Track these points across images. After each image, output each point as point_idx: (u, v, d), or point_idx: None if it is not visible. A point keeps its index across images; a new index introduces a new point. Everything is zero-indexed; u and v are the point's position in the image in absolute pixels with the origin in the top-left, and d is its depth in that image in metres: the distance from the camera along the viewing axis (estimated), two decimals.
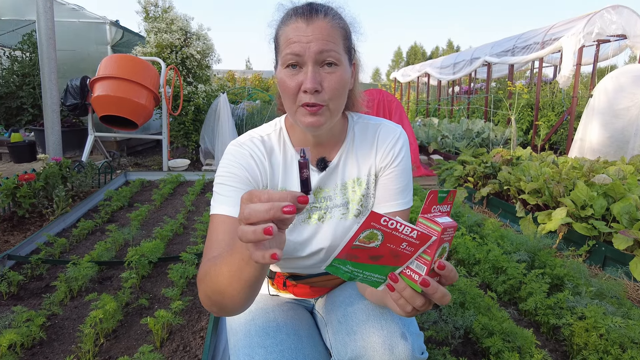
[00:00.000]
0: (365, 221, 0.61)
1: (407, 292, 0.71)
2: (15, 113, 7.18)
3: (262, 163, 1.04)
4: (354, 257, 0.67)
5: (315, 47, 0.88)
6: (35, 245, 2.73)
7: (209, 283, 0.78)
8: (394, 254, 0.67)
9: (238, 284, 0.71)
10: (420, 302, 0.71)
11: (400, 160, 1.09)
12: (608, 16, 6.46)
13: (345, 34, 0.94)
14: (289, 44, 0.89)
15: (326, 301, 1.22)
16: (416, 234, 0.64)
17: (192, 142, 6.48)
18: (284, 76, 0.92)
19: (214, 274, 0.76)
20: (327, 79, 0.90)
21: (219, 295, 0.77)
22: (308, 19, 0.89)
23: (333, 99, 0.92)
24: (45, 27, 4.39)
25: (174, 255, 2.68)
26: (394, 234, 0.63)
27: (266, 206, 0.57)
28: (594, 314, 1.66)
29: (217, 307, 0.80)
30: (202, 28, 6.74)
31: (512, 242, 2.60)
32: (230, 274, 0.71)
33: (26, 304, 2.08)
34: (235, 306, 0.78)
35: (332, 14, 0.92)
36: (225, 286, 0.74)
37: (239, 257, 0.69)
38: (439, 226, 0.66)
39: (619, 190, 2.97)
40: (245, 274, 0.69)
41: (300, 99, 0.91)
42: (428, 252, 0.67)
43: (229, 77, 13.59)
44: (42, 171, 3.56)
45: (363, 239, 0.63)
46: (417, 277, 0.68)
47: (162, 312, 1.78)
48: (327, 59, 0.89)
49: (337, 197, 1.10)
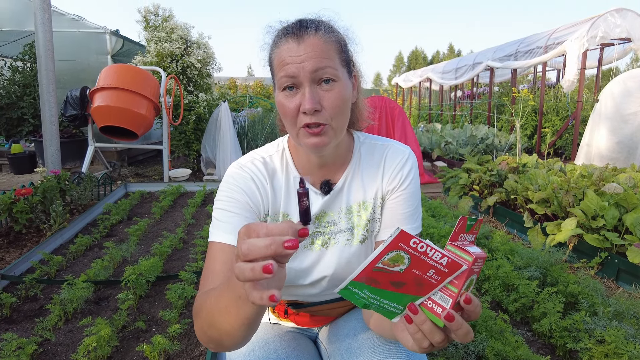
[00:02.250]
0: (392, 241, 0.54)
1: (426, 325, 0.63)
2: (16, 124, 7.15)
3: (264, 186, 0.99)
4: (374, 282, 0.59)
5: (309, 66, 0.82)
6: (30, 263, 2.65)
7: (205, 318, 0.73)
8: (418, 282, 0.60)
9: (235, 321, 0.66)
10: (440, 337, 0.63)
11: (408, 184, 1.02)
12: (612, 19, 6.39)
13: (340, 47, 0.89)
14: (283, 66, 0.84)
15: (330, 332, 1.15)
16: (446, 261, 0.57)
17: (193, 152, 6.43)
18: (282, 99, 0.87)
19: (210, 308, 0.71)
20: (325, 97, 0.85)
21: (215, 332, 0.72)
22: (299, 38, 0.84)
23: (335, 116, 0.87)
24: (43, 38, 4.35)
25: (173, 273, 2.60)
26: (422, 259, 0.56)
27: (266, 241, 0.51)
28: (614, 338, 1.56)
29: (215, 344, 0.75)
30: (203, 36, 6.71)
31: (523, 256, 2.51)
32: (226, 311, 0.67)
33: (19, 327, 2.00)
34: (234, 343, 0.73)
35: (323, 28, 0.86)
36: (221, 323, 0.69)
37: (235, 295, 0.64)
38: (471, 256, 0.59)
39: (632, 200, 2.88)
40: (242, 312, 0.64)
41: (300, 121, 0.86)
42: (455, 284, 0.60)
43: (230, 84, 13.57)
44: (39, 185, 3.50)
45: (387, 261, 0.56)
46: (441, 310, 0.61)
47: (159, 338, 1.70)
48: (324, 76, 0.84)
49: (341, 222, 1.03)
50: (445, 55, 46.94)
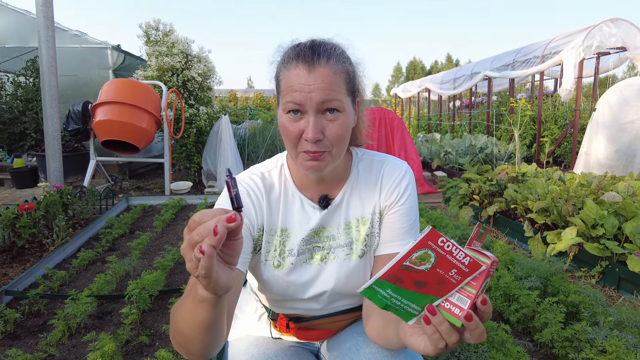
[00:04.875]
0: (422, 239, 0.57)
1: (444, 326, 0.66)
2: (18, 138, 7.20)
3: (259, 202, 1.01)
4: (399, 281, 0.63)
5: (317, 98, 0.85)
6: (33, 279, 2.67)
7: (173, 323, 0.80)
8: (440, 281, 0.63)
9: (194, 325, 0.72)
10: (456, 338, 0.66)
11: (406, 199, 1.04)
12: (607, 29, 6.47)
13: (348, 78, 0.91)
14: (290, 92, 0.86)
15: (332, 346, 1.16)
16: (468, 261, 0.60)
17: (194, 164, 6.46)
18: (285, 121, 0.90)
19: (176, 314, 0.78)
20: (328, 127, 0.88)
21: (180, 337, 0.78)
22: (310, 66, 0.85)
23: (335, 144, 0.90)
24: (47, 55, 4.42)
25: (176, 287, 2.61)
26: (447, 258, 0.60)
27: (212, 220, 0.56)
28: (615, 348, 1.57)
29: (184, 350, 0.80)
30: (203, 50, 6.79)
31: (523, 266, 2.53)
32: (186, 317, 0.72)
33: (23, 343, 2.01)
34: (197, 349, 0.78)
35: (335, 57, 0.88)
36: (184, 329, 0.75)
37: (191, 300, 0.70)
38: (489, 258, 0.62)
39: (631, 208, 2.90)
40: (198, 315, 0.69)
41: (301, 146, 0.89)
42: (473, 285, 0.63)
43: (230, 97, 13.67)
44: (42, 199, 3.52)
45: (415, 260, 0.59)
46: (459, 310, 0.64)
47: (163, 352, 1.71)
48: (329, 106, 0.87)
49: (340, 237, 1.05)
50: (443, 65, 47.25)
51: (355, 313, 1.14)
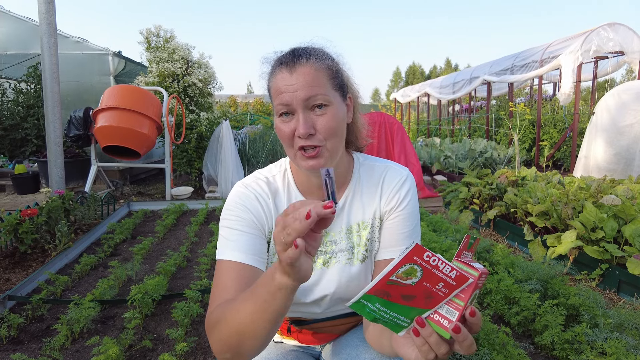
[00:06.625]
0: (407, 254, 0.57)
1: (433, 338, 0.67)
2: (19, 144, 7.24)
3: (268, 205, 1.03)
4: (386, 295, 0.63)
5: (301, 95, 0.88)
6: (36, 284, 2.68)
7: (224, 327, 0.78)
8: (427, 295, 0.63)
9: (262, 318, 0.72)
10: (445, 349, 0.67)
11: (406, 204, 1.05)
12: (605, 34, 6.52)
13: (332, 73, 0.93)
14: (278, 95, 0.90)
15: (334, 351, 1.16)
16: (455, 274, 0.60)
17: (195, 170, 6.49)
18: (279, 124, 0.93)
19: (232, 315, 0.76)
20: (318, 121, 0.90)
21: (237, 337, 0.76)
22: (291, 68, 0.90)
23: (329, 138, 0.92)
24: (49, 62, 4.45)
25: (178, 292, 2.62)
26: (433, 272, 0.60)
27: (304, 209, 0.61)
28: (615, 350, 1.59)
29: (234, 352, 0.79)
30: (204, 56, 6.83)
31: (523, 269, 2.54)
32: (254, 310, 0.72)
33: (26, 348, 2.02)
34: (255, 346, 0.78)
35: (314, 57, 0.91)
36: (246, 324, 0.74)
37: (264, 290, 0.70)
38: (477, 271, 0.62)
39: (630, 211, 2.91)
40: (273, 305, 0.70)
41: (296, 144, 0.92)
42: (461, 297, 0.63)
43: (230, 102, 13.72)
44: (44, 205, 3.54)
45: (401, 274, 0.60)
46: (447, 322, 0.65)
47: (166, 357, 1.72)
48: (316, 102, 0.90)
49: (342, 242, 1.06)
50: (442, 69, 47.43)
51: (356, 317, 1.15)
